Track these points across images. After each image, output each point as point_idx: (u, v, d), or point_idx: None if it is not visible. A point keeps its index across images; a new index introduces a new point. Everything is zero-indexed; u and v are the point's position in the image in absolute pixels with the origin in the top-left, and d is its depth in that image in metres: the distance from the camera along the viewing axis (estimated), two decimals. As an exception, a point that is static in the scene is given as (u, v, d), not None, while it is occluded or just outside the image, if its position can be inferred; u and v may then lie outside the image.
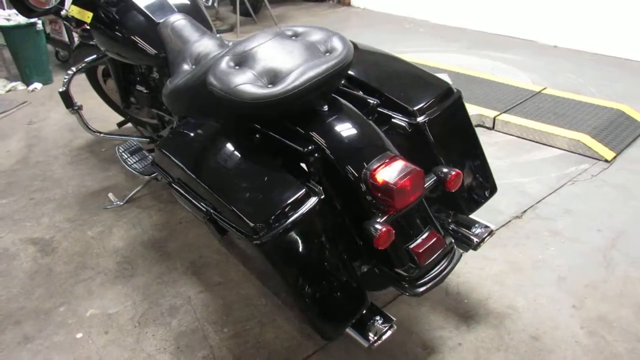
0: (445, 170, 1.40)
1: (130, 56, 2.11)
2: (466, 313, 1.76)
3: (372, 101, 1.53)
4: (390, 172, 1.30)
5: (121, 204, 2.43)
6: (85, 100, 3.38)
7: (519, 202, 2.33)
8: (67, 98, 2.40)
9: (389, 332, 1.40)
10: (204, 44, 1.90)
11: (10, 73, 4.18)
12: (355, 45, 1.86)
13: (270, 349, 1.66)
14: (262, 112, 1.43)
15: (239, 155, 1.43)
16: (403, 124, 1.52)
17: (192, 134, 1.55)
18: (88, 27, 2.12)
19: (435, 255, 1.42)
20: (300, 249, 1.30)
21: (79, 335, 1.75)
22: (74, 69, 2.44)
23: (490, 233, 1.64)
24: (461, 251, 1.52)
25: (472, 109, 3.07)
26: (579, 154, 2.69)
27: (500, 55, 4.17)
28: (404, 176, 1.28)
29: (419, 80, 1.64)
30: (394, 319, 1.43)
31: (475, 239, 1.62)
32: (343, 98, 1.55)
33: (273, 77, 1.39)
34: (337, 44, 1.46)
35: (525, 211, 2.27)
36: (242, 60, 1.48)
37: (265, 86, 1.36)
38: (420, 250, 1.40)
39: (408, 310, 1.78)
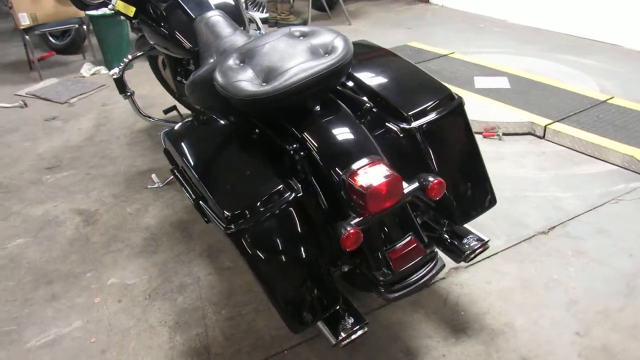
0: (429, 178, 1.38)
1: (169, 48, 2.26)
2: (459, 325, 1.71)
3: (365, 104, 1.53)
4: (368, 175, 1.31)
5: (161, 185, 2.62)
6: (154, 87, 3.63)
7: (549, 217, 2.20)
8: (120, 84, 2.63)
9: (359, 333, 1.42)
10: (232, 40, 2.00)
11: (96, 58, 4.59)
12: (363, 45, 1.88)
13: (258, 336, 1.73)
14: (255, 108, 1.49)
15: (233, 149, 1.50)
16: (396, 128, 1.51)
17: (197, 126, 1.65)
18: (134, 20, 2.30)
19: (412, 263, 1.41)
20: (272, 242, 1.35)
21: (97, 300, 1.94)
22: (129, 57, 2.66)
23: (484, 245, 1.59)
24: (443, 262, 1.48)
25: (524, 116, 2.92)
26: (632, 171, 2.47)
27: (577, 59, 3.90)
28: (380, 181, 1.28)
29: (419, 84, 1.61)
30: (366, 320, 1.44)
31: (466, 250, 1.57)
32: (340, 98, 1.57)
33: (268, 75, 1.44)
34: (337, 46, 1.48)
35: (553, 227, 2.14)
36: (247, 58, 1.55)
37: (260, 84, 1.42)
38: (396, 257, 1.39)
39: (400, 315, 1.77)
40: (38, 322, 1.85)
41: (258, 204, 1.31)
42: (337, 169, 1.37)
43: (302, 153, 1.44)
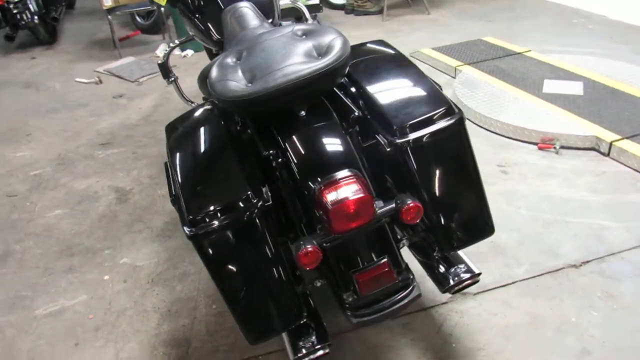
0: (406, 200, 1.26)
1: (199, 38, 2.28)
2: (446, 357, 1.58)
3: (354, 112, 1.43)
4: (337, 192, 1.23)
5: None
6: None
7: (587, 248, 1.95)
8: (165, 69, 2.69)
9: (318, 354, 1.35)
10: (252, 33, 1.97)
11: (172, 39, 4.79)
12: (376, 46, 1.76)
13: (239, 336, 1.70)
14: (238, 109, 1.46)
15: (217, 149, 1.47)
16: (384, 141, 1.40)
17: (193, 120, 1.64)
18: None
19: (380, 288, 1.31)
20: (233, 249, 1.31)
21: (106, 277, 2.03)
22: (175, 42, 2.73)
23: (473, 278, 1.43)
24: (419, 291, 1.36)
25: (589, 129, 2.60)
26: None
27: (677, 65, 3.40)
28: (346, 199, 1.20)
29: (419, 95, 1.46)
30: (329, 342, 1.37)
31: (451, 281, 1.43)
32: (334, 102, 1.49)
33: (254, 75, 1.40)
34: (331, 49, 1.40)
35: (588, 261, 1.89)
36: (243, 55, 1.52)
37: (245, 84, 1.38)
38: (363, 280, 1.30)
39: (387, 337, 1.66)
40: (51, 291, 1.98)
41: (219, 209, 1.28)
42: (310, 180, 1.30)
43: (280, 160, 1.38)
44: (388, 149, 1.38)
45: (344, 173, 1.28)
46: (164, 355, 1.68)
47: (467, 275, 1.43)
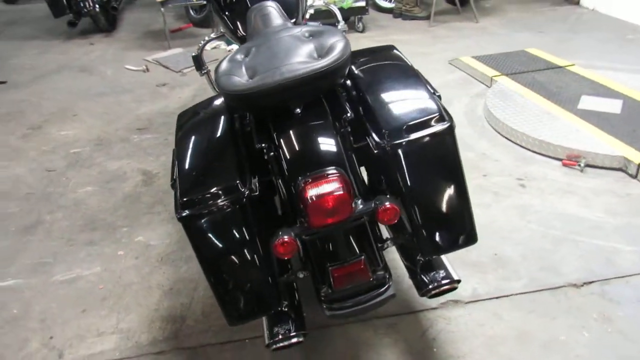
0: (384, 201, 1.30)
1: (227, 34, 2.38)
2: (424, 362, 1.59)
3: (346, 113, 1.47)
4: (318, 188, 1.28)
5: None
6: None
7: (592, 269, 1.90)
8: (198, 61, 2.80)
9: (292, 341, 1.41)
10: (271, 32, 2.05)
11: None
12: (383, 51, 1.79)
13: (231, 319, 1.80)
14: (237, 103, 1.54)
15: (218, 139, 1.55)
16: (372, 144, 1.43)
17: (203, 110, 1.73)
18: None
19: (354, 285, 1.35)
20: (218, 234, 1.38)
21: (121, 252, 2.17)
22: (209, 36, 2.85)
23: (451, 284, 1.44)
24: (394, 292, 1.38)
25: (618, 149, 2.51)
26: None
27: None
28: (324, 195, 1.25)
29: (413, 101, 1.49)
30: (305, 331, 1.42)
31: (429, 284, 1.44)
32: (333, 102, 1.53)
33: (255, 72, 1.47)
34: (332, 52, 1.45)
35: (591, 282, 1.84)
36: (251, 52, 1.60)
37: (245, 80, 1.46)
38: (338, 275, 1.35)
39: (370, 335, 1.69)
40: (70, 260, 2.14)
41: (209, 195, 1.36)
42: (296, 175, 1.36)
43: (272, 153, 1.45)
44: (376, 151, 1.42)
45: (327, 171, 1.33)
46: (159, 329, 1.78)
47: (446, 281, 1.44)
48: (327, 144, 1.41)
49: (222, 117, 1.61)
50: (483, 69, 3.67)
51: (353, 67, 1.71)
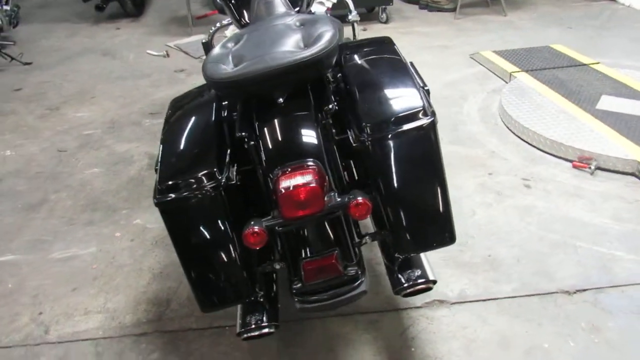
0: (357, 196, 1.27)
1: (234, 22, 2.37)
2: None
3: (329, 105, 1.44)
4: (291, 180, 1.27)
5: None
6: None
7: (588, 277, 1.82)
8: (208, 48, 2.83)
9: (262, 331, 1.41)
10: (271, 21, 2.04)
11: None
12: (377, 43, 1.75)
13: (214, 305, 1.81)
14: (220, 91, 1.54)
15: (202, 127, 1.55)
16: (352, 137, 1.41)
17: (194, 98, 1.74)
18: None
19: (324, 280, 1.34)
20: (193, 221, 1.38)
21: (118, 234, 2.21)
22: (221, 23, 2.86)
23: (425, 285, 1.41)
24: (366, 289, 1.36)
25: (633, 152, 2.40)
26: None
27: None
28: (297, 187, 1.24)
29: (397, 95, 1.45)
30: (278, 324, 1.42)
31: (404, 283, 1.41)
32: (319, 92, 1.51)
33: (240, 60, 1.47)
34: (317, 42, 1.43)
35: (584, 290, 1.77)
36: (241, 40, 1.60)
37: (229, 68, 1.46)
38: (309, 268, 1.33)
39: (350, 330, 1.68)
40: (68, 239, 2.19)
41: (185, 181, 1.36)
42: (272, 165, 1.35)
43: (252, 142, 1.44)
44: (355, 145, 1.39)
45: (303, 162, 1.32)
46: (144, 311, 1.81)
47: (421, 281, 1.40)
48: (306, 135, 1.39)
49: (212, 105, 1.61)
50: (503, 64, 3.56)
51: (345, 58, 1.69)
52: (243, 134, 1.45)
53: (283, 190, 1.25)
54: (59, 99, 3.58)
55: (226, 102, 1.61)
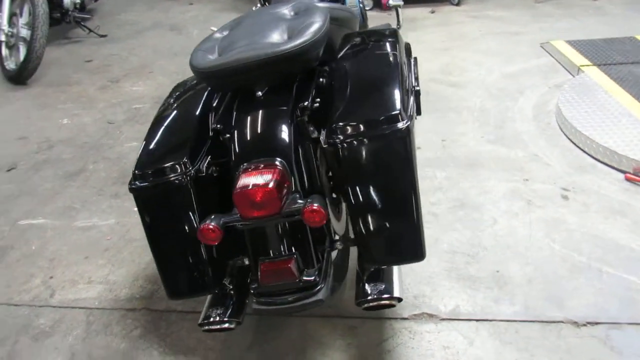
0: (313, 202, 1.20)
1: (259, 4, 2.34)
2: (369, 373, 1.50)
3: (305, 102, 1.37)
4: (249, 178, 1.23)
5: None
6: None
7: (606, 308, 1.62)
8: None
9: (223, 326, 1.40)
10: (291, 6, 1.98)
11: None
12: (377, 33, 1.65)
13: (204, 290, 1.83)
14: (201, 81, 1.53)
15: (189, 115, 1.55)
16: (322, 138, 1.33)
17: (192, 85, 1.73)
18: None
19: (279, 283, 1.29)
20: (161, 209, 1.39)
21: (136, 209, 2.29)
22: (261, 1, 2.83)
23: (389, 301, 1.31)
24: (322, 298, 1.29)
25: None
26: None
27: None
28: (252, 187, 1.20)
29: (376, 96, 1.35)
30: (240, 321, 1.40)
31: (367, 295, 1.33)
32: (302, 88, 1.45)
33: (224, 49, 1.44)
34: (299, 36, 1.37)
35: (597, 323, 1.57)
36: (234, 27, 1.57)
37: (214, 57, 1.44)
38: (265, 269, 1.30)
39: (327, 333, 1.62)
40: (93, 209, 2.32)
41: (156, 169, 1.37)
42: (239, 161, 1.32)
43: (227, 135, 1.42)
44: (325, 146, 1.32)
45: (266, 161, 1.28)
46: (140, 287, 1.87)
47: (385, 296, 1.31)
48: (276, 132, 1.34)
49: (205, 94, 1.60)
50: (573, 55, 3.22)
51: (342, 51, 1.60)
52: (218, 126, 1.43)
53: (239, 189, 1.21)
54: (120, 72, 3.78)
55: (217, 93, 1.59)
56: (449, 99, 3.05)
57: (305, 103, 1.37)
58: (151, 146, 1.47)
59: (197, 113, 1.52)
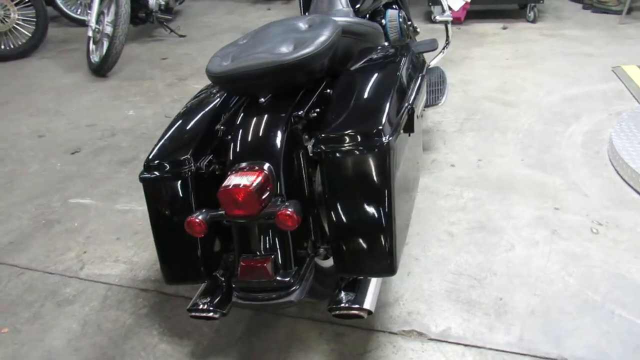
0: (288, 207, 1.26)
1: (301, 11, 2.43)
2: (343, 381, 1.51)
3: (299, 112, 1.42)
4: (235, 178, 1.31)
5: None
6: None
7: (607, 352, 1.51)
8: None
9: (208, 315, 1.47)
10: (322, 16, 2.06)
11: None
12: (379, 51, 1.67)
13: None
14: (215, 85, 1.64)
15: (206, 114, 1.66)
16: (309, 147, 1.38)
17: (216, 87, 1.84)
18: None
19: (255, 280, 1.36)
20: (163, 201, 1.51)
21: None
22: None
23: (357, 312, 1.33)
24: (293, 300, 1.34)
25: None
26: None
27: None
28: (234, 187, 1.28)
29: (366, 109, 1.38)
30: (224, 312, 1.47)
31: (337, 303, 1.35)
32: (306, 97, 1.51)
33: (234, 57, 1.55)
34: (303, 48, 1.44)
35: (592, 367, 1.48)
36: (251, 37, 1.68)
37: (225, 64, 1.55)
38: (244, 266, 1.37)
39: (312, 337, 1.66)
40: (134, 195, 2.51)
41: (164, 163, 1.49)
42: (233, 162, 1.41)
43: (228, 136, 1.51)
44: (311, 155, 1.37)
45: (255, 164, 1.35)
46: (156, 271, 2.01)
47: (354, 306, 1.33)
48: (269, 138, 1.41)
49: (222, 97, 1.71)
50: (643, 83, 3.00)
51: (352, 64, 1.65)
52: (222, 127, 1.53)
53: (223, 188, 1.29)
54: (189, 71, 4.04)
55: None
56: (498, 118, 2.96)
57: (300, 112, 1.43)
58: (163, 141, 1.59)
59: (210, 114, 1.62)
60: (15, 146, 3.09)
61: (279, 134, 1.40)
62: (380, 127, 1.28)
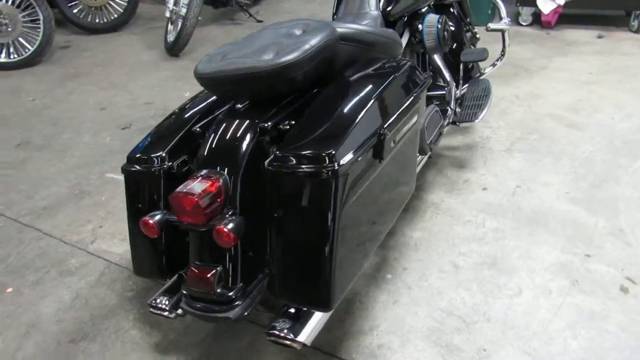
0: (226, 223, 1.22)
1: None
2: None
3: (265, 124, 1.35)
4: (188, 184, 1.29)
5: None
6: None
7: None
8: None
9: (163, 314, 1.48)
10: (348, 19, 1.97)
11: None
12: (379, 66, 1.55)
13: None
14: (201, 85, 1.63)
15: (197, 112, 1.65)
16: (267, 162, 1.31)
17: None
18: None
19: (198, 290, 1.34)
20: (136, 195, 1.54)
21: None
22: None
23: (290, 342, 1.25)
24: (230, 316, 1.29)
25: None
26: None
27: None
28: (183, 193, 1.26)
29: (328, 130, 1.28)
30: (180, 314, 1.47)
31: (273, 329, 1.28)
32: (284, 107, 1.45)
33: (220, 59, 1.51)
34: (282, 55, 1.38)
35: None
36: (243, 39, 1.64)
37: (209, 65, 1.52)
38: (191, 274, 1.36)
39: (272, 351, 1.60)
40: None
41: (144, 157, 1.51)
42: (198, 167, 1.40)
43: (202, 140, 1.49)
44: (267, 168, 1.31)
45: (211, 172, 1.33)
46: (155, 256, 2.07)
47: (289, 336, 1.26)
48: (231, 147, 1.37)
49: (212, 99, 1.69)
50: None
51: (344, 76, 1.55)
52: (198, 129, 1.51)
53: (174, 193, 1.27)
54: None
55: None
56: (557, 141, 2.66)
57: (268, 123, 1.36)
58: (149, 138, 1.62)
59: (196, 115, 1.62)
60: (79, 116, 3.33)
61: (244, 144, 1.35)
62: (333, 152, 1.18)
